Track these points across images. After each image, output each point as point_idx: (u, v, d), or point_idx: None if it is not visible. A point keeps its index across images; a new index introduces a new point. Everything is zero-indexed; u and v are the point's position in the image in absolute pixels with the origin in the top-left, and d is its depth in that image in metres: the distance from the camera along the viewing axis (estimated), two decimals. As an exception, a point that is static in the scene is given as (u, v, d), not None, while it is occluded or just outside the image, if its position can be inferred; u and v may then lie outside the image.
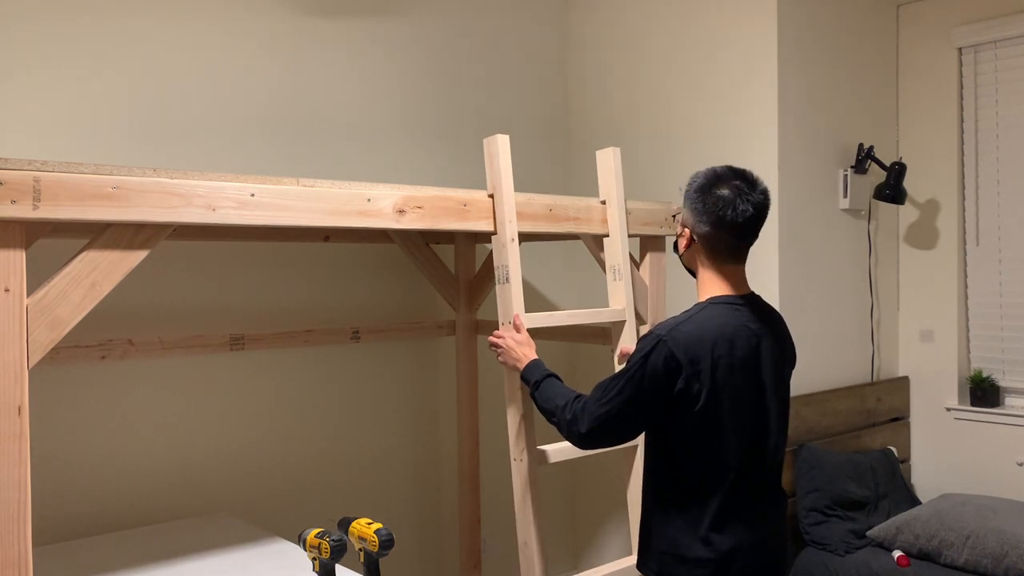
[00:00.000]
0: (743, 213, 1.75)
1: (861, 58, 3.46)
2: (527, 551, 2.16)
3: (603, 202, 2.44)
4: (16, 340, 1.46)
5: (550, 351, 3.56)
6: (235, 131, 2.78)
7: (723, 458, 1.74)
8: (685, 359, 1.69)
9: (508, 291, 2.17)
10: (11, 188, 1.43)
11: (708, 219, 1.77)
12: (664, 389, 1.70)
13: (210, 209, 1.68)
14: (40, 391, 2.36)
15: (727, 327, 1.74)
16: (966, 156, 3.51)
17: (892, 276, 3.67)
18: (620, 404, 1.74)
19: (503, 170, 2.19)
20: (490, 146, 2.22)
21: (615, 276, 2.42)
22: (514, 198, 2.21)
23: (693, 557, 1.74)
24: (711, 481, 1.74)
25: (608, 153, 2.45)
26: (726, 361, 1.71)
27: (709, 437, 1.73)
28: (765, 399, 1.79)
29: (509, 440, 2.18)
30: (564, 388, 1.94)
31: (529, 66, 3.65)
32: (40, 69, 2.40)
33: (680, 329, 1.72)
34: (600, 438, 1.80)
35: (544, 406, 1.93)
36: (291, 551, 2.21)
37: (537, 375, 2.01)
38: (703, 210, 1.78)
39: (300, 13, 2.93)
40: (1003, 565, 2.61)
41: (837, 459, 3.08)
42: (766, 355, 1.79)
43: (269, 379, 2.85)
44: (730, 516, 1.74)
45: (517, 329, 2.15)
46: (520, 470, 2.15)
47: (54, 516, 2.40)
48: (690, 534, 1.75)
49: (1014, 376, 3.41)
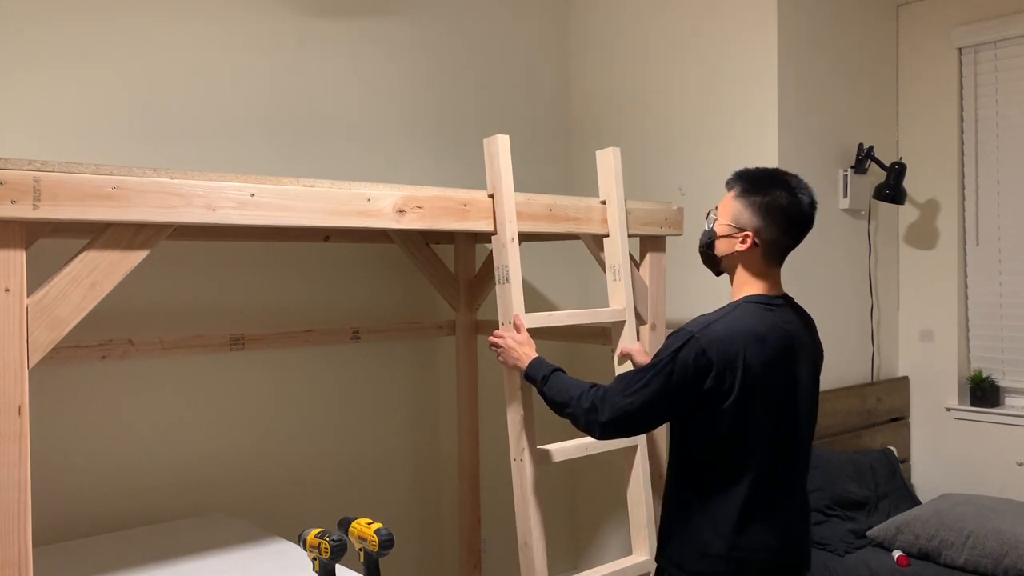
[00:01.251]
0: (801, 213, 1.77)
1: (861, 58, 3.46)
2: (527, 551, 2.16)
3: (603, 202, 2.44)
4: (16, 340, 1.46)
5: (549, 352, 3.56)
6: (235, 131, 2.78)
7: (749, 457, 1.74)
8: (716, 356, 1.68)
9: (508, 291, 2.17)
10: (11, 188, 1.43)
11: (778, 223, 1.77)
12: (693, 386, 1.70)
13: (210, 209, 1.68)
14: (40, 391, 2.36)
15: (760, 326, 1.74)
16: (966, 156, 3.51)
17: (892, 276, 3.67)
18: (647, 396, 1.73)
19: (503, 170, 2.19)
20: (490, 146, 2.21)
21: (615, 276, 2.42)
22: (514, 198, 2.21)
23: (714, 553, 1.74)
24: (736, 479, 1.74)
25: (608, 153, 2.45)
26: (758, 360, 1.71)
27: (736, 435, 1.73)
28: (797, 399, 1.79)
29: (509, 440, 2.18)
30: (575, 380, 1.93)
31: (529, 66, 3.65)
32: (40, 69, 2.40)
33: (712, 327, 1.72)
34: (620, 428, 1.80)
35: (556, 399, 1.92)
36: (291, 551, 2.21)
37: (543, 371, 2.01)
38: (772, 214, 1.76)
39: (300, 13, 2.93)
40: (1003, 565, 2.61)
41: (837, 459, 3.08)
42: (800, 355, 1.79)
43: (269, 379, 2.85)
44: (754, 515, 1.74)
45: (517, 329, 2.15)
46: (520, 470, 2.15)
47: (54, 516, 2.40)
48: (711, 530, 1.75)
49: (1014, 376, 3.41)
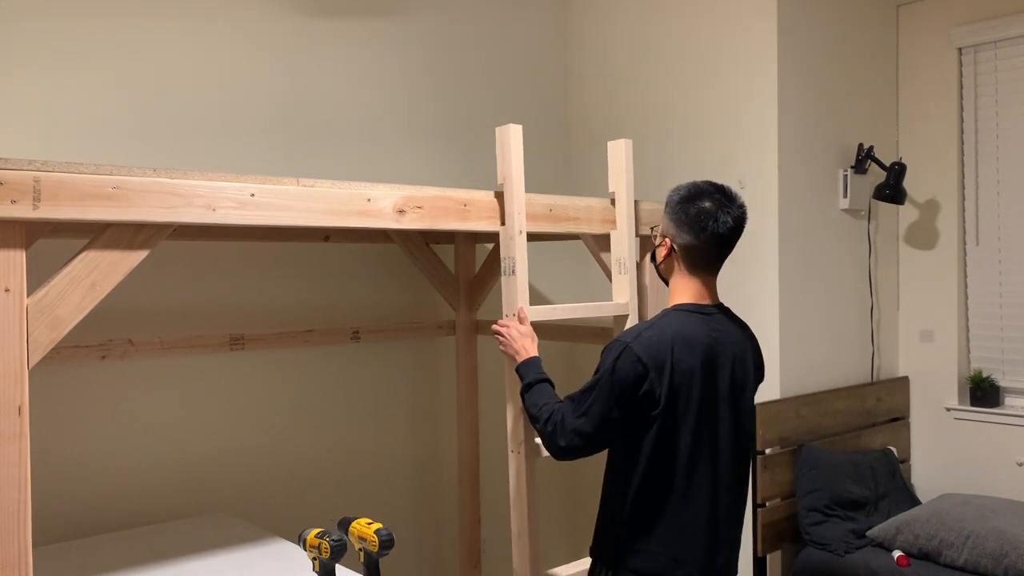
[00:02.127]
0: (723, 225, 1.82)
1: (861, 58, 3.46)
2: (520, 541, 2.17)
3: (612, 194, 2.43)
4: (16, 340, 1.46)
5: (550, 350, 3.56)
6: (235, 131, 2.78)
7: (673, 465, 1.78)
8: (650, 363, 1.73)
9: (513, 283, 2.17)
10: (11, 188, 1.43)
11: (690, 230, 1.83)
12: (633, 394, 1.75)
13: (210, 209, 1.68)
14: (40, 391, 2.36)
15: (688, 333, 1.79)
16: (966, 156, 3.51)
17: (892, 276, 3.67)
18: (597, 415, 1.77)
19: (514, 160, 2.16)
20: (502, 135, 2.18)
21: (620, 270, 2.41)
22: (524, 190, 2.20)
23: (633, 567, 1.79)
24: (661, 486, 1.79)
25: (620, 144, 2.43)
26: (684, 366, 1.76)
27: (663, 442, 1.77)
28: (718, 408, 1.83)
29: (508, 432, 2.19)
30: (553, 396, 1.96)
31: (529, 66, 3.65)
32: (40, 69, 2.40)
33: (644, 334, 1.77)
34: (579, 450, 1.83)
35: (530, 411, 1.96)
36: (291, 551, 2.21)
37: (531, 376, 2.02)
38: (685, 221, 1.83)
39: (300, 13, 2.93)
40: (1003, 565, 2.61)
41: (837, 459, 3.08)
42: (725, 363, 1.83)
43: (269, 379, 2.85)
44: (677, 524, 1.79)
45: (521, 321, 2.16)
46: (516, 461, 2.16)
47: (54, 516, 2.40)
48: (634, 539, 1.80)
49: (1014, 376, 3.41)
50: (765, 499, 2.97)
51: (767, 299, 3.10)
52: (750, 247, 3.12)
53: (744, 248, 3.14)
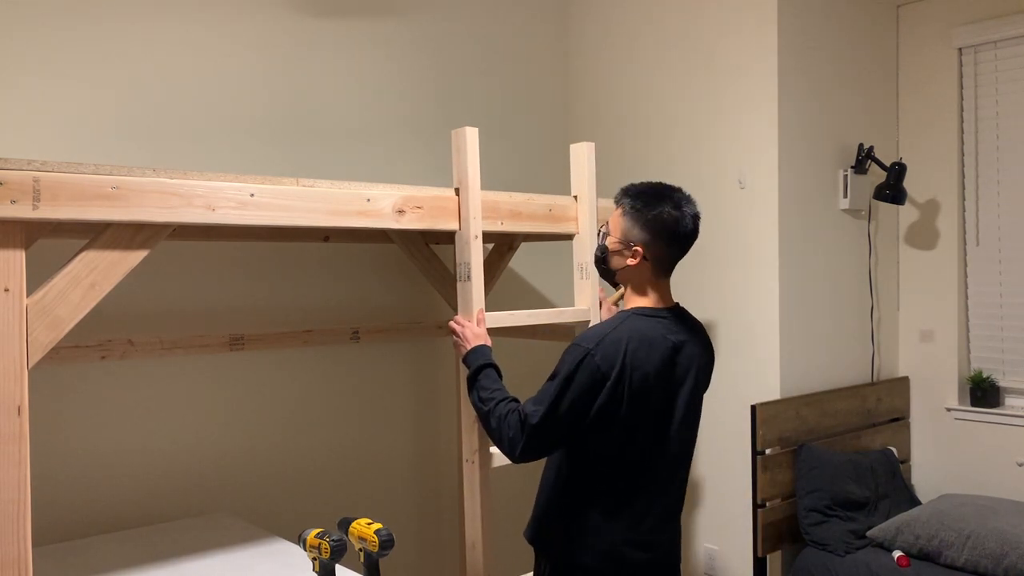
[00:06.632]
0: (687, 227, 1.85)
1: (861, 58, 3.46)
2: (474, 553, 2.16)
3: (575, 197, 2.43)
4: (16, 340, 1.46)
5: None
6: (235, 131, 2.78)
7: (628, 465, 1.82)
8: (610, 370, 1.75)
9: (469, 289, 2.15)
10: (11, 188, 1.43)
11: (664, 237, 1.84)
12: (592, 399, 1.76)
13: (210, 209, 1.69)
14: (40, 391, 2.36)
15: (646, 336, 1.80)
16: (966, 156, 3.51)
17: (892, 276, 3.67)
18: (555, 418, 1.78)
19: (470, 164, 2.13)
20: (457, 138, 2.15)
21: (582, 275, 2.40)
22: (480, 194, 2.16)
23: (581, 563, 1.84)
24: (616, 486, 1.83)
25: (582, 147, 2.43)
26: (642, 371, 1.77)
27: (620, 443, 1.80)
28: (674, 410, 1.86)
29: (462, 441, 2.17)
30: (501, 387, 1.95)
31: (529, 66, 3.65)
32: (40, 69, 2.40)
33: (606, 340, 1.78)
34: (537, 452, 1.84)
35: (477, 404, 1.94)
36: (291, 551, 2.21)
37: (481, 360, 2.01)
38: (659, 229, 1.84)
39: (299, 13, 2.93)
40: (1003, 565, 2.61)
41: (837, 459, 3.08)
42: (682, 365, 1.86)
43: (269, 379, 2.85)
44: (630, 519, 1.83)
45: (477, 323, 2.16)
46: (471, 471, 2.15)
47: (54, 516, 2.40)
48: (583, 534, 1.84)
49: (1014, 376, 3.41)
50: (765, 499, 2.97)
51: (767, 299, 3.10)
52: (750, 247, 3.12)
53: (744, 248, 3.15)
